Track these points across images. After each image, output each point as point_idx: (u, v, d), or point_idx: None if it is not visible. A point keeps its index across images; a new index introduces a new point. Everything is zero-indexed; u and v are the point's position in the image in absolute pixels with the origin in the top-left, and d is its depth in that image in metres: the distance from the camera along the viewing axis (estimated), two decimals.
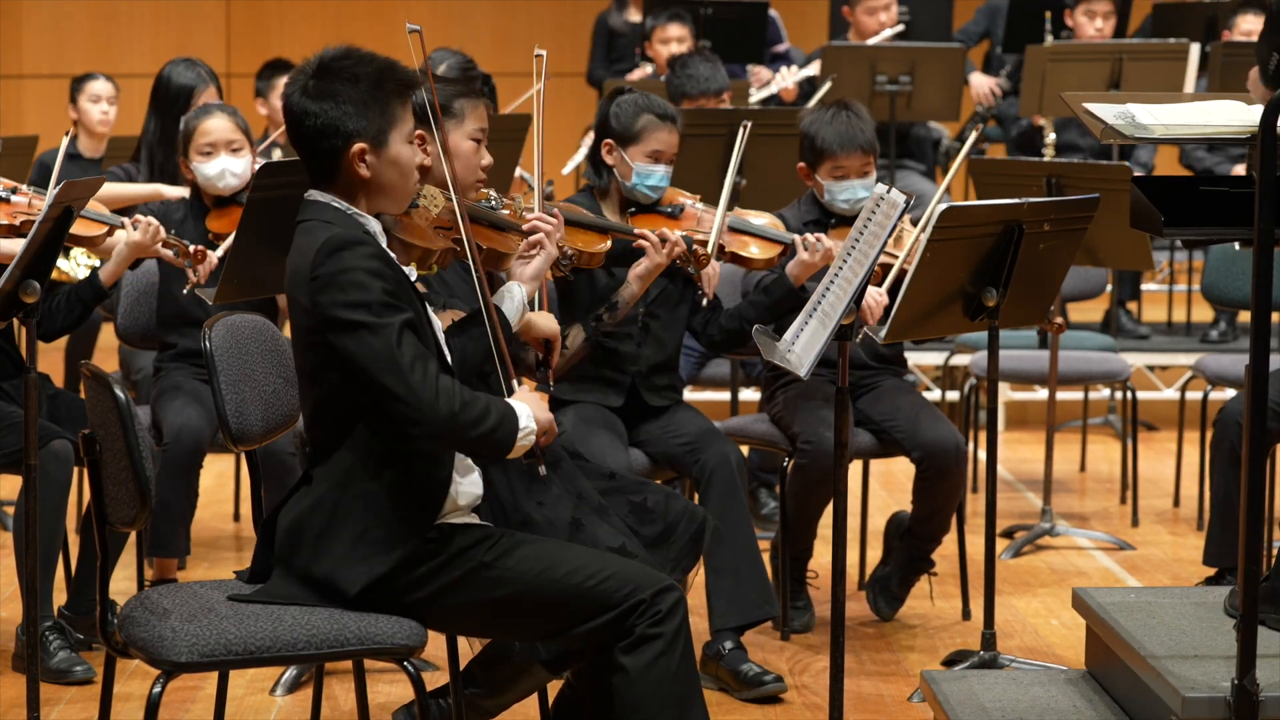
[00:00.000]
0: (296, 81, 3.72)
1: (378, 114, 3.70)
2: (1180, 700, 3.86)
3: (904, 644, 5.64)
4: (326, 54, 3.73)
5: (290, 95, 3.72)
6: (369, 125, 3.69)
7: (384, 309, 3.60)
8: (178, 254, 5.38)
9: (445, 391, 3.61)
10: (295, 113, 3.71)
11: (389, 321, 3.59)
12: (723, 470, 5.17)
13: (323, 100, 3.68)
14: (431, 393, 3.59)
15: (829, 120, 5.53)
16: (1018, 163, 7.58)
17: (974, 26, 10.39)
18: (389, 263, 3.68)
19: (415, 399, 3.59)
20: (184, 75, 6.35)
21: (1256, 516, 3.68)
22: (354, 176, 3.72)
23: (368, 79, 3.69)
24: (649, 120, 5.24)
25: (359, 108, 3.68)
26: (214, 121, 5.68)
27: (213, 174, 5.65)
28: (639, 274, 5.06)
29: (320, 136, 3.69)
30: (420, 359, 3.60)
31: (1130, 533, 7.11)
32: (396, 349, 3.58)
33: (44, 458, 4.95)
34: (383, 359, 3.59)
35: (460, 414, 3.62)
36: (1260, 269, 3.65)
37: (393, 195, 3.78)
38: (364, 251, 3.63)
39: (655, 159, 5.25)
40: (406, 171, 3.77)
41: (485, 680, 4.30)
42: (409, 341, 3.60)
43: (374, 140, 3.70)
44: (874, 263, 4.25)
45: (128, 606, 3.75)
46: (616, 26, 10.19)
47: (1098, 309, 9.57)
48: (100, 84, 8.23)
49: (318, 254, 3.63)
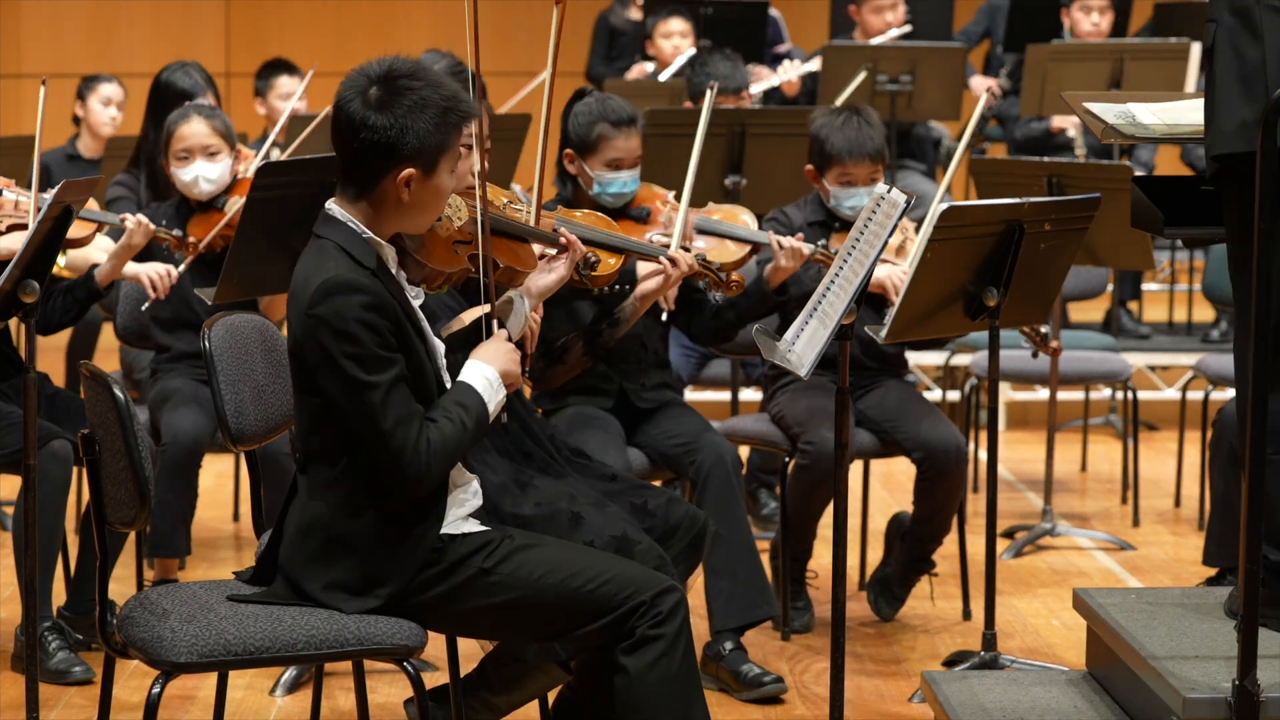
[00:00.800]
0: (357, 86, 3.62)
1: (436, 143, 3.62)
2: (1181, 701, 3.86)
3: (904, 644, 5.63)
4: (397, 66, 3.63)
5: (349, 101, 3.62)
6: (425, 152, 3.62)
7: (376, 364, 3.56)
8: (168, 247, 5.39)
9: (421, 453, 3.59)
10: (353, 120, 3.61)
11: (377, 380, 3.56)
12: (719, 470, 5.16)
13: (384, 114, 3.59)
14: (408, 458, 3.58)
15: (839, 126, 5.51)
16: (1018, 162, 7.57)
17: (974, 26, 10.38)
18: (386, 307, 3.60)
19: (396, 464, 3.59)
20: (181, 81, 6.32)
21: (1257, 517, 3.67)
22: (390, 196, 3.65)
23: (435, 107, 3.61)
24: (604, 128, 5.15)
25: (421, 133, 3.60)
26: (191, 126, 5.64)
27: (188, 179, 5.63)
28: (646, 293, 4.98)
29: (372, 152, 3.61)
30: (403, 423, 3.57)
31: (1131, 533, 7.10)
32: (380, 412, 3.56)
33: (43, 458, 4.94)
34: (366, 420, 3.57)
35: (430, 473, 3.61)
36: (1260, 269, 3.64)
37: (421, 220, 3.74)
38: (359, 300, 3.56)
39: (615, 166, 5.17)
40: (442, 199, 3.72)
41: (498, 678, 4.29)
42: (396, 400, 3.57)
43: (425, 168, 3.64)
44: (874, 263, 4.25)
45: (127, 607, 3.74)
46: (617, 24, 10.18)
47: (1098, 309, 9.56)
48: (113, 87, 8.23)
49: (316, 293, 3.58)
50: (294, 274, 3.68)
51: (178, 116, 5.68)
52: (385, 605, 3.67)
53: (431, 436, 3.61)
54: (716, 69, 7.53)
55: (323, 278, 3.59)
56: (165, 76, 6.37)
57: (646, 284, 4.97)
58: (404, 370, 3.61)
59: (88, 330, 7.93)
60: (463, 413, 3.67)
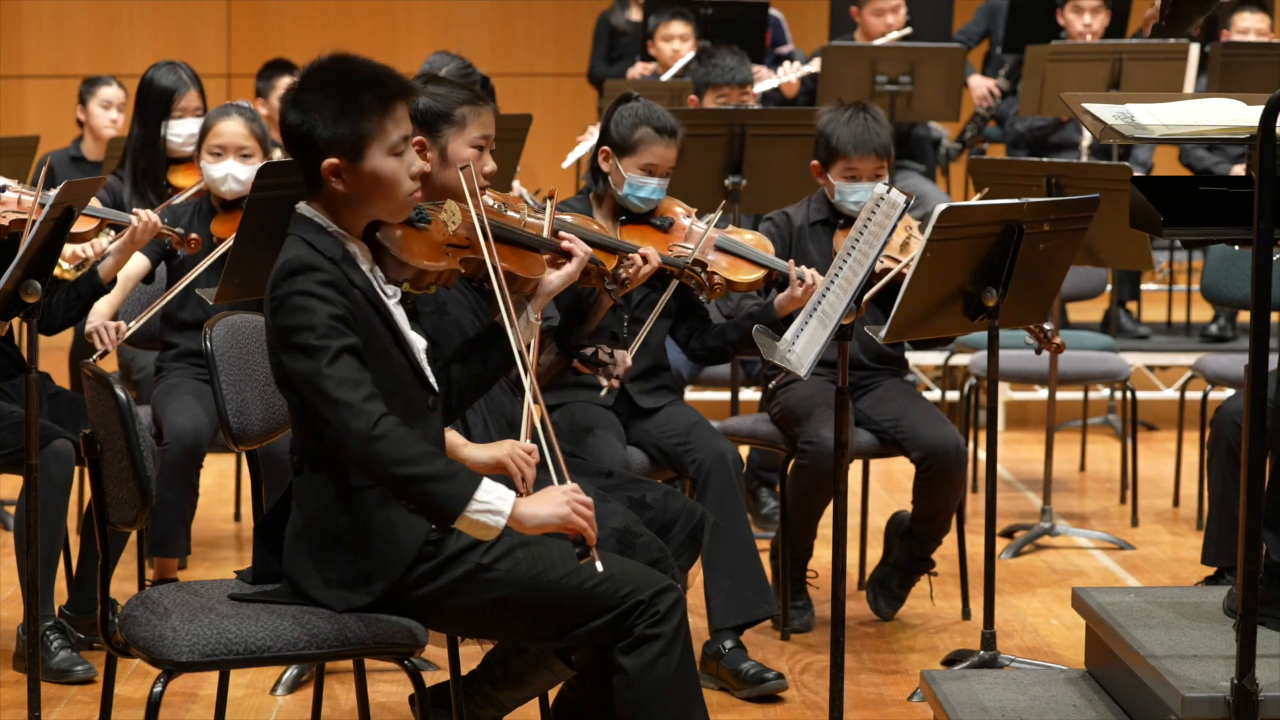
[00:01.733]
0: (289, 89, 3.68)
1: (348, 128, 3.61)
2: (1180, 700, 3.86)
3: (904, 643, 5.64)
4: (313, 64, 3.67)
5: (281, 102, 3.70)
6: (340, 140, 3.61)
7: (326, 332, 3.54)
8: (171, 244, 5.39)
9: (368, 415, 3.50)
10: (282, 121, 3.68)
11: (326, 344, 3.53)
12: (719, 469, 5.17)
13: (298, 111, 3.63)
14: (350, 415, 3.49)
15: (846, 121, 5.53)
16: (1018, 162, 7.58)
17: (974, 27, 10.39)
18: (345, 290, 3.60)
19: (336, 418, 3.51)
20: (165, 78, 6.31)
21: (1255, 516, 3.68)
22: (331, 189, 3.66)
23: (340, 93, 3.62)
24: (646, 133, 5.20)
25: (330, 121, 3.61)
26: (229, 124, 5.66)
27: (217, 176, 5.64)
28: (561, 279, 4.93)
29: (298, 148, 3.65)
30: (349, 382, 3.51)
31: (1130, 532, 7.11)
32: (325, 368, 3.51)
33: (45, 457, 4.95)
34: (311, 379, 3.53)
35: (377, 442, 3.49)
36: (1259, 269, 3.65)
37: (378, 208, 3.71)
38: (317, 277, 3.56)
39: (649, 171, 5.19)
40: (389, 184, 3.67)
41: (500, 674, 4.29)
42: (344, 364, 3.53)
43: (349, 154, 3.62)
44: (874, 263, 4.26)
45: (128, 606, 3.75)
46: (618, 25, 10.19)
47: (1098, 309, 9.57)
48: (113, 90, 8.23)
49: (274, 276, 3.60)
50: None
51: (218, 113, 5.71)
52: (379, 601, 3.67)
53: (390, 420, 3.51)
54: (723, 62, 7.54)
55: (280, 262, 3.61)
56: (150, 74, 6.36)
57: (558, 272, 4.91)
58: (359, 347, 3.56)
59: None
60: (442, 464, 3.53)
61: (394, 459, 3.50)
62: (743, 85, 7.52)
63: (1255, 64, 8.43)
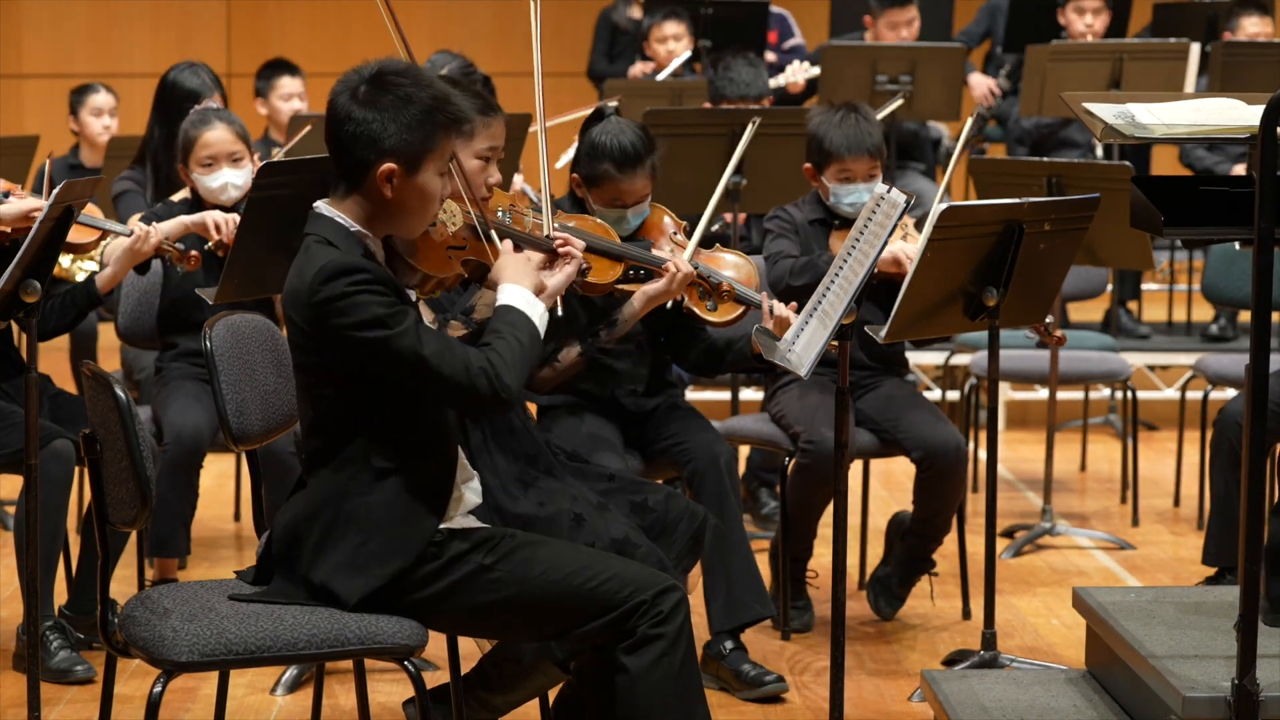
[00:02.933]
0: (349, 82, 3.66)
1: (419, 140, 3.64)
2: (1180, 700, 3.86)
3: (904, 643, 5.64)
4: (387, 65, 3.68)
5: (338, 95, 3.66)
6: (406, 149, 3.64)
7: (394, 318, 3.58)
8: (170, 260, 5.37)
9: (485, 369, 3.62)
10: (339, 114, 3.65)
11: (403, 328, 3.58)
12: (713, 471, 5.16)
13: (369, 109, 3.63)
14: (473, 374, 3.61)
15: (837, 123, 5.52)
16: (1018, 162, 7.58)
17: (975, 27, 10.38)
18: (384, 281, 3.64)
19: (456, 388, 3.61)
20: (189, 81, 6.30)
21: (1256, 516, 3.68)
22: (376, 194, 3.67)
23: (420, 103, 3.64)
24: (607, 169, 5.05)
25: (402, 129, 3.63)
26: (214, 133, 5.63)
27: (215, 187, 5.62)
28: (648, 295, 4.88)
29: (356, 144, 3.64)
30: (447, 348, 3.61)
31: (1130, 532, 7.11)
32: (420, 348, 3.58)
33: (45, 457, 4.95)
34: (412, 364, 3.59)
35: (498, 378, 3.62)
36: (1260, 268, 3.65)
37: (410, 222, 3.75)
38: (360, 276, 3.59)
39: (619, 205, 5.09)
40: (429, 202, 3.72)
41: (495, 678, 4.29)
42: (426, 336, 3.61)
43: (407, 164, 3.65)
44: (874, 262, 4.25)
45: (128, 606, 3.75)
46: (619, 22, 10.19)
47: (1098, 308, 9.57)
48: (102, 96, 8.22)
49: (314, 280, 3.59)
50: (289, 278, 3.69)
51: (197, 122, 5.64)
52: (387, 591, 3.67)
53: (488, 355, 3.64)
54: (739, 76, 7.51)
55: (317, 267, 3.61)
56: (173, 76, 6.35)
57: (649, 286, 4.86)
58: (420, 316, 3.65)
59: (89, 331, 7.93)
60: (512, 330, 3.71)
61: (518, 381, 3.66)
62: (758, 99, 7.50)
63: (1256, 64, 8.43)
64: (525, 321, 3.74)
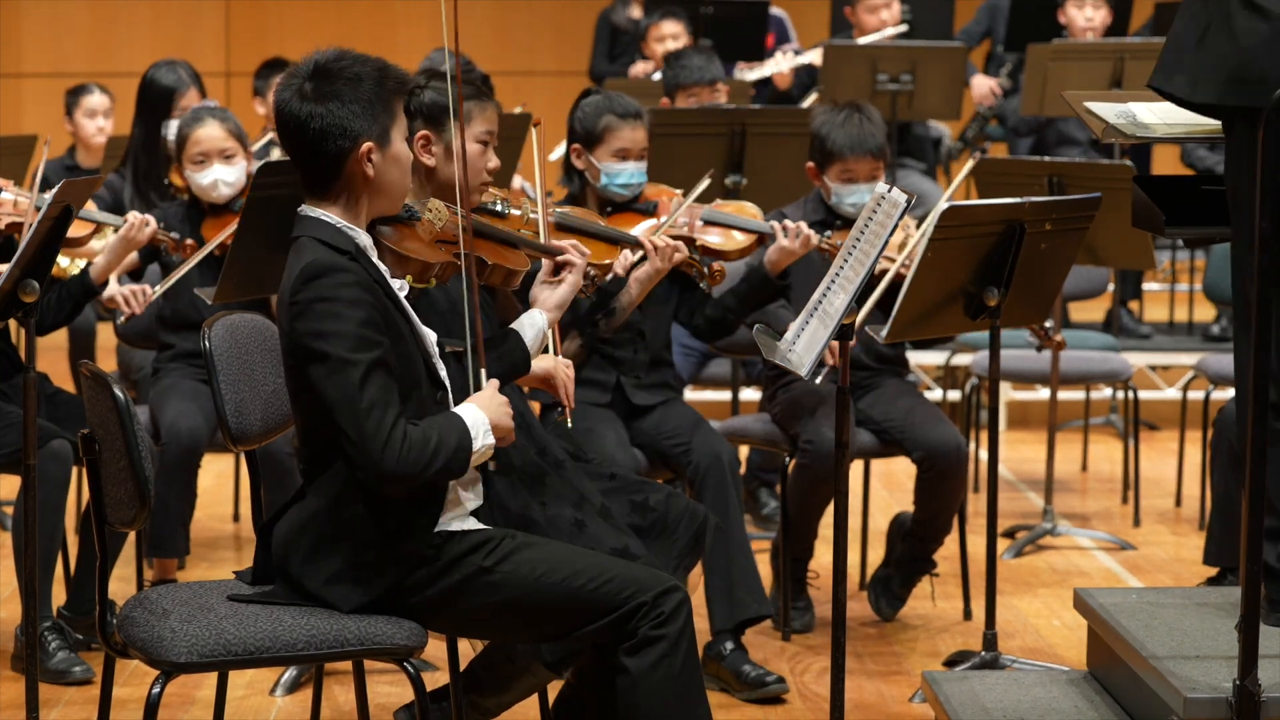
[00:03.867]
0: (290, 86, 3.67)
1: (382, 112, 3.68)
2: (1182, 701, 3.85)
3: (905, 644, 5.63)
4: (321, 57, 3.69)
5: (286, 101, 3.66)
6: (375, 124, 3.67)
7: (357, 344, 3.55)
8: (166, 250, 5.38)
9: (394, 444, 3.54)
10: (297, 117, 3.65)
11: (357, 359, 3.54)
12: (715, 470, 5.16)
13: (327, 102, 3.64)
14: (379, 445, 3.53)
15: (841, 123, 5.52)
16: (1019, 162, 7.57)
17: (975, 26, 10.38)
18: (370, 288, 3.62)
19: (364, 446, 3.54)
20: (166, 77, 6.30)
21: (1257, 516, 3.67)
22: (357, 178, 3.68)
23: (370, 78, 3.67)
24: (610, 120, 5.25)
25: (365, 106, 3.66)
26: (206, 130, 5.64)
27: (206, 183, 5.63)
28: (639, 278, 5.03)
29: (326, 138, 3.65)
30: (379, 406, 3.54)
31: (1132, 533, 7.10)
32: (358, 392, 3.53)
33: (43, 458, 4.94)
34: (342, 399, 3.55)
35: (405, 468, 3.54)
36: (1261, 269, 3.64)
37: (392, 194, 3.75)
38: (345, 279, 3.58)
39: (622, 157, 5.25)
40: (406, 169, 3.75)
41: (487, 680, 4.29)
42: (374, 383, 3.55)
43: (379, 139, 3.68)
44: (874, 262, 4.25)
45: (127, 607, 3.74)
46: (619, 23, 10.19)
47: (1099, 308, 9.56)
48: (96, 98, 8.21)
49: (297, 279, 3.59)
50: (282, 281, 3.68)
51: (190, 120, 5.68)
52: (383, 599, 3.67)
53: (411, 433, 3.57)
54: (690, 63, 7.52)
55: (302, 266, 3.60)
56: (150, 74, 6.36)
57: (639, 271, 5.00)
58: (388, 355, 3.60)
59: (87, 330, 7.93)
60: (447, 431, 3.63)
61: (422, 467, 3.58)
62: (712, 84, 7.49)
63: None
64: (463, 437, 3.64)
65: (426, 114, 4.33)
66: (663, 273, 5.03)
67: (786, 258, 5.27)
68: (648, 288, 5.04)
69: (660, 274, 5.03)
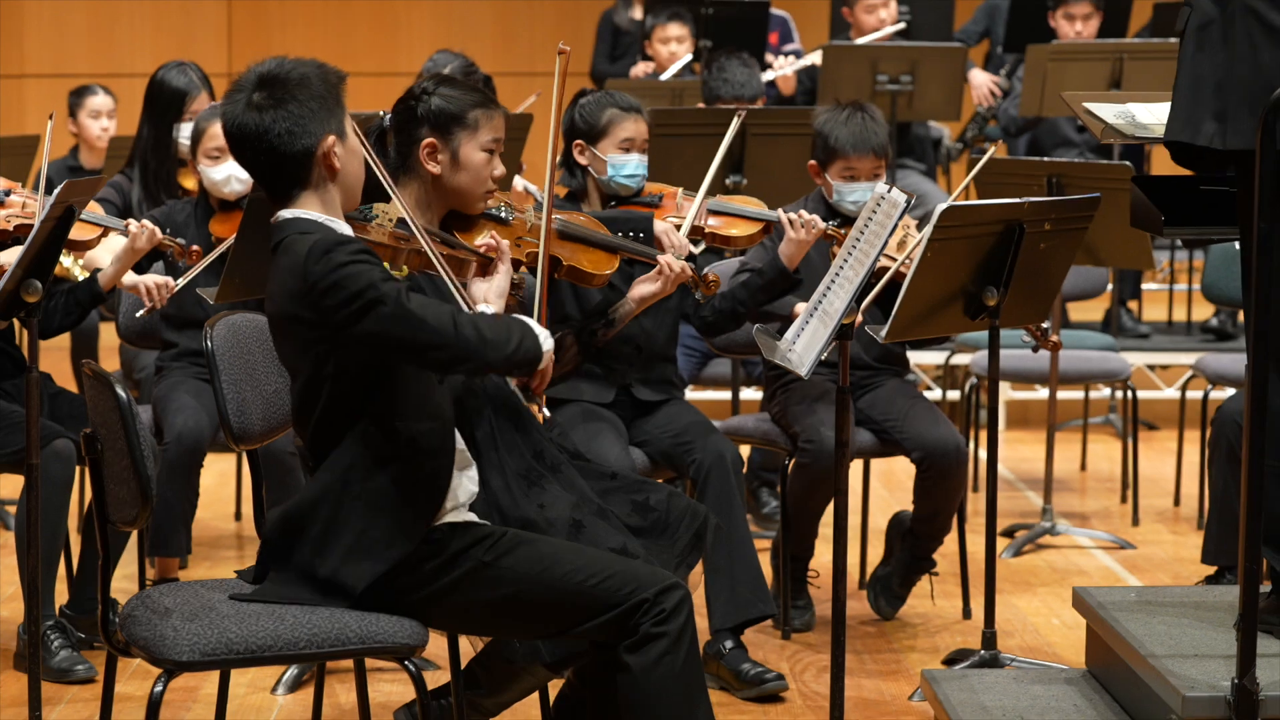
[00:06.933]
0: (237, 102, 3.70)
1: (335, 105, 3.73)
2: (1180, 699, 3.87)
3: (905, 643, 5.64)
4: (260, 68, 3.73)
5: (238, 117, 3.69)
6: (332, 118, 3.71)
7: (384, 283, 3.62)
8: (172, 255, 5.38)
9: (465, 324, 3.65)
10: (256, 129, 3.68)
11: (392, 290, 3.61)
12: (718, 469, 5.17)
13: (281, 106, 3.67)
14: (452, 328, 3.63)
15: (844, 121, 5.53)
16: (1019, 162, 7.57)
17: (974, 26, 10.38)
18: (372, 254, 3.68)
19: (442, 339, 3.62)
20: (177, 80, 6.30)
21: (1256, 515, 3.68)
22: (326, 174, 3.72)
23: (315, 77, 3.72)
24: (613, 113, 5.27)
25: (320, 103, 3.69)
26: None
27: (219, 178, 5.64)
28: (641, 297, 4.98)
29: (290, 141, 3.68)
30: (429, 306, 3.65)
31: (1131, 532, 7.11)
32: (407, 305, 3.61)
33: (46, 457, 4.95)
34: (400, 320, 3.60)
35: (487, 338, 3.67)
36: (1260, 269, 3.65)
37: (353, 187, 3.80)
38: (351, 248, 3.63)
39: (626, 149, 5.26)
40: (360, 159, 3.81)
41: (486, 679, 4.30)
42: (415, 299, 3.64)
43: (338, 132, 3.72)
44: (874, 262, 4.26)
45: (129, 605, 3.75)
46: (621, 23, 10.19)
47: (1098, 308, 9.57)
48: (100, 99, 8.22)
49: (307, 261, 3.61)
50: (275, 285, 3.70)
51: (208, 115, 5.68)
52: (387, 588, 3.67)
53: (479, 319, 3.72)
54: (733, 76, 7.53)
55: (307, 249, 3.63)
56: (160, 75, 6.35)
57: (643, 288, 4.97)
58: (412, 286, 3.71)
59: (90, 330, 7.94)
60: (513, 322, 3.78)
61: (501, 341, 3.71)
62: (753, 99, 7.52)
63: None
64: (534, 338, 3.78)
65: (434, 121, 4.33)
66: (666, 294, 5.00)
67: (799, 249, 5.29)
68: (647, 304, 5.01)
69: (663, 295, 4.99)
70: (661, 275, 4.89)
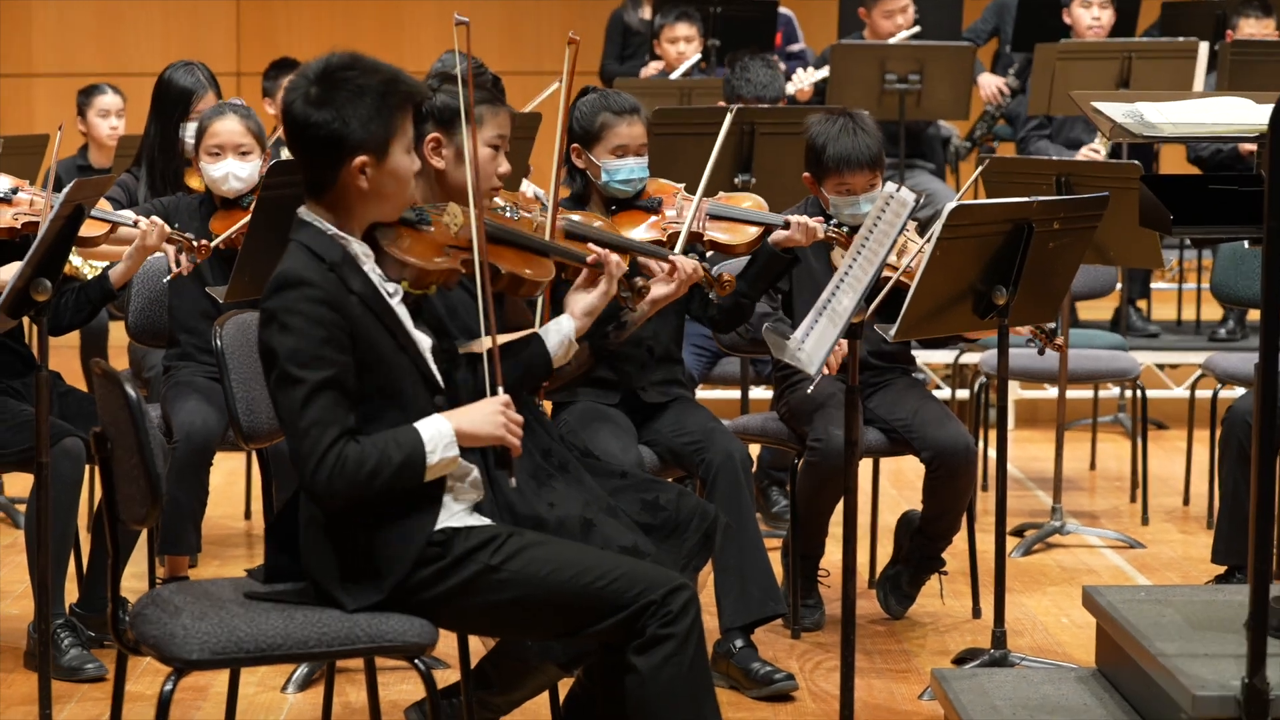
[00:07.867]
0: (298, 88, 3.66)
1: (381, 127, 3.65)
2: (1190, 698, 3.86)
3: (914, 642, 5.64)
4: (331, 61, 3.67)
5: (292, 103, 3.66)
6: (371, 138, 3.64)
7: (309, 361, 3.57)
8: (180, 249, 5.38)
9: (326, 465, 3.56)
10: (297, 120, 3.65)
11: (304, 377, 3.56)
12: (728, 468, 5.16)
13: (326, 109, 3.63)
14: (312, 465, 3.57)
15: (835, 135, 5.47)
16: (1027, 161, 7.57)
17: (983, 25, 10.38)
18: (340, 304, 3.62)
19: (300, 464, 3.60)
20: (183, 79, 6.30)
21: (1266, 514, 3.68)
22: (350, 188, 3.68)
23: (373, 91, 3.64)
24: (606, 117, 5.21)
25: (363, 121, 3.63)
26: (225, 123, 5.66)
27: (217, 176, 5.64)
28: (655, 299, 4.93)
29: (321, 147, 3.65)
30: (319, 425, 3.56)
31: (1140, 531, 7.11)
32: (300, 410, 3.56)
33: (55, 456, 4.95)
34: (284, 414, 3.61)
35: (336, 488, 3.57)
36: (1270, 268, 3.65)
37: (389, 204, 3.75)
38: (310, 294, 3.58)
39: (620, 154, 5.21)
40: (404, 181, 3.73)
41: (497, 677, 4.29)
42: (318, 403, 3.57)
43: (376, 153, 3.66)
44: (883, 262, 4.26)
45: (139, 604, 3.75)
46: (631, 23, 10.19)
47: (1107, 307, 9.56)
48: (109, 97, 8.23)
49: (268, 288, 3.62)
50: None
51: (213, 113, 5.70)
52: (389, 599, 3.68)
53: (348, 453, 3.58)
54: (756, 77, 7.52)
55: (275, 274, 3.62)
56: (168, 75, 6.36)
57: (656, 292, 4.90)
58: (345, 374, 3.60)
59: (99, 329, 7.95)
60: (394, 448, 3.63)
61: (349, 493, 3.59)
62: (775, 101, 7.50)
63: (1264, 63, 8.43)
64: (415, 449, 3.64)
65: (438, 117, 4.32)
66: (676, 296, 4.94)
67: (789, 242, 5.25)
68: (659, 306, 4.96)
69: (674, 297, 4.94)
70: (674, 277, 4.85)
